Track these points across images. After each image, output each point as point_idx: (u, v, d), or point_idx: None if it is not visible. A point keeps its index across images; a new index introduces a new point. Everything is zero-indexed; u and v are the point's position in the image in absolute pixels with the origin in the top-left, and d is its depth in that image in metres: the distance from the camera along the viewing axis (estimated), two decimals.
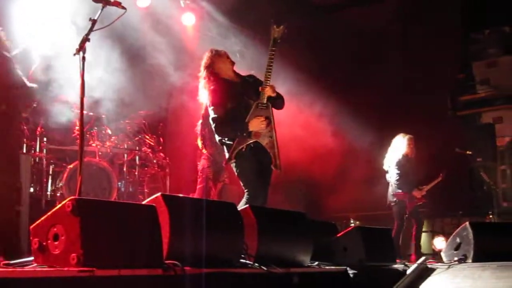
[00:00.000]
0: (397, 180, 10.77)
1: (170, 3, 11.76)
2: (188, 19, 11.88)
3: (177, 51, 11.83)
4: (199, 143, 9.84)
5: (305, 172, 13.36)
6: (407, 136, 10.92)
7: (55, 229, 4.14)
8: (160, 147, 11.18)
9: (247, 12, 12.95)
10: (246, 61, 13.30)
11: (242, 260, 5.24)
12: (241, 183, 7.36)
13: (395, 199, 10.86)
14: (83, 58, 5.71)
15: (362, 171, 13.14)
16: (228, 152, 7.33)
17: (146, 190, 10.65)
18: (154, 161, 11.00)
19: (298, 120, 12.72)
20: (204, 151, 9.80)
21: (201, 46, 12.35)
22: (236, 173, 7.43)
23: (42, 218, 4.26)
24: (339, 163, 13.61)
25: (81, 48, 5.70)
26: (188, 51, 12.00)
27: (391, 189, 11.00)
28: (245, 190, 7.29)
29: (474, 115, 13.91)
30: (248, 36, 13.41)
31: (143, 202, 5.00)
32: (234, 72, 7.70)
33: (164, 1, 11.67)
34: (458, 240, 7.13)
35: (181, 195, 5.41)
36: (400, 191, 10.80)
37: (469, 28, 14.11)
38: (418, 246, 11.05)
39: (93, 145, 10.03)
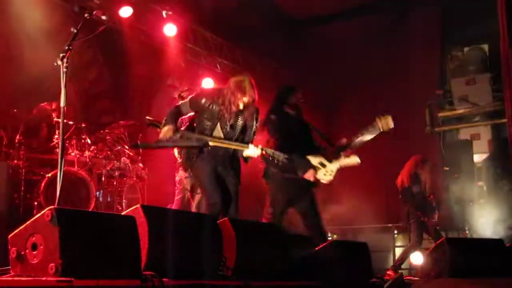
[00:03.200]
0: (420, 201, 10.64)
1: (152, 14, 11.78)
2: (170, 30, 11.88)
3: (158, 62, 11.85)
4: (176, 154, 9.83)
5: None
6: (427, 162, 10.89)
7: (33, 239, 4.13)
8: (139, 158, 11.15)
9: (229, 25, 13.00)
10: (226, 73, 13.38)
11: (220, 273, 5.25)
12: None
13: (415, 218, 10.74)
14: (65, 67, 5.70)
15: (339, 184, 13.17)
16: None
17: (124, 201, 10.60)
18: (133, 171, 10.96)
19: None
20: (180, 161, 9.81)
21: (182, 57, 12.40)
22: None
23: (21, 227, 4.25)
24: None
25: (63, 57, 5.70)
26: (169, 62, 12.02)
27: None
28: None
29: (452, 131, 14.02)
30: (229, 49, 13.47)
31: (123, 213, 4.99)
32: None
33: (146, 12, 11.69)
34: (434, 255, 7.18)
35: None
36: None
37: (448, 45, 14.24)
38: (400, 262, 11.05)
39: (72, 154, 9.99)
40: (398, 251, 12.51)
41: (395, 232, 13.01)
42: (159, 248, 4.71)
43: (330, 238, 13.03)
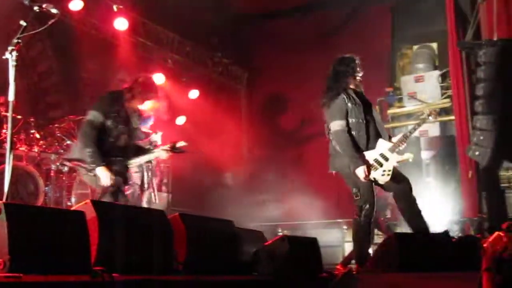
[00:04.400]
0: None
1: (102, 7, 11.68)
2: (121, 24, 11.78)
3: (109, 56, 11.76)
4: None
5: (233, 179, 13.41)
6: None
7: None
8: None
9: (180, 20, 12.96)
10: (177, 68, 13.34)
11: (171, 268, 5.25)
12: None
13: None
14: (13, 61, 5.63)
15: (293, 180, 13.26)
16: None
17: (73, 196, 10.50)
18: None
19: (228, 127, 12.79)
20: None
21: (133, 52, 12.32)
22: None
23: None
24: (270, 170, 13.70)
25: (12, 51, 5.64)
26: (120, 56, 11.94)
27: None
28: None
29: (401, 128, 14.18)
30: (180, 43, 13.42)
31: (72, 208, 4.96)
32: None
33: (96, 5, 11.59)
34: (383, 250, 7.25)
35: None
36: None
37: (398, 43, 14.41)
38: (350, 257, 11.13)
39: (21, 149, 9.86)
40: (348, 246, 12.62)
41: (345, 227, 13.11)
42: (109, 243, 4.70)
43: (280, 233, 13.09)
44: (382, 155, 7.50)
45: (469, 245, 7.24)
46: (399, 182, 7.57)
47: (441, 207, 12.10)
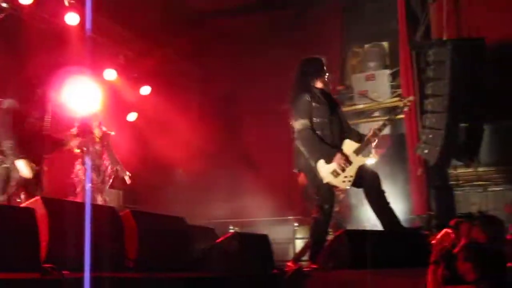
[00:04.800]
0: None
1: (53, 1, 11.53)
2: (72, 19, 11.64)
3: (60, 51, 11.61)
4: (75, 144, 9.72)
5: (185, 176, 13.39)
6: None
7: None
8: None
9: (133, 16, 12.86)
10: (129, 64, 13.25)
11: (122, 265, 5.23)
12: None
13: None
14: None
15: (244, 177, 13.29)
16: None
17: (22, 193, 10.34)
18: None
19: (180, 123, 12.76)
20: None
21: (84, 47, 12.18)
22: None
23: None
24: (221, 167, 13.71)
25: None
26: (72, 51, 11.79)
27: None
28: None
29: (352, 126, 14.28)
30: (132, 40, 13.33)
31: (22, 205, 4.91)
32: None
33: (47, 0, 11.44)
34: (334, 247, 7.30)
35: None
36: None
37: (349, 41, 14.52)
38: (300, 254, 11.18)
39: None
40: (298, 243, 12.69)
41: (296, 224, 13.17)
42: (59, 240, 4.66)
43: (231, 230, 13.10)
44: (346, 160, 7.51)
45: (418, 241, 7.35)
46: (368, 177, 7.61)
47: (391, 204, 12.23)
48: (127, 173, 10.46)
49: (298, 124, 7.48)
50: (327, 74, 7.95)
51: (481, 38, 10.91)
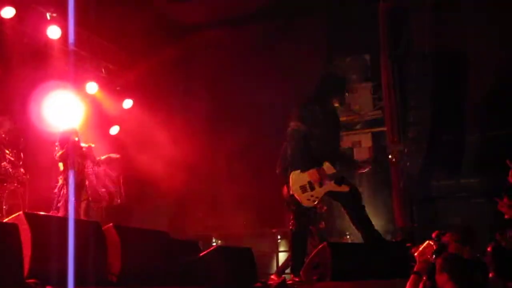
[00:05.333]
0: None
1: (35, 15, 11.50)
2: (53, 32, 11.61)
3: (42, 65, 11.58)
4: (60, 165, 9.72)
5: (168, 190, 13.36)
6: None
7: None
8: (21, 163, 10.86)
9: (114, 29, 12.86)
10: (111, 77, 13.23)
11: (105, 279, 5.21)
12: None
13: None
14: None
15: (226, 190, 13.29)
16: None
17: (4, 207, 10.27)
18: (14, 176, 10.65)
19: (163, 137, 12.75)
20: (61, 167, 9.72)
21: (66, 60, 12.15)
22: None
23: None
24: (203, 181, 13.71)
25: None
26: (54, 65, 11.76)
27: None
28: None
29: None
30: (114, 53, 13.31)
31: (4, 220, 4.89)
32: None
33: (29, 13, 11.40)
34: (316, 259, 7.32)
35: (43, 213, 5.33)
36: None
37: (332, 54, 14.57)
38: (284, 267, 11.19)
39: None
40: (282, 256, 12.70)
41: (279, 237, 13.19)
42: (43, 255, 4.64)
43: (214, 244, 13.09)
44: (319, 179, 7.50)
45: (400, 253, 7.39)
46: (347, 192, 7.61)
47: (374, 217, 12.27)
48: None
49: (294, 125, 7.49)
50: (345, 96, 7.98)
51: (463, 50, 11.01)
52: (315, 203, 7.56)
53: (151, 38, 13.63)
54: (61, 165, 9.74)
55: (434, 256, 5.28)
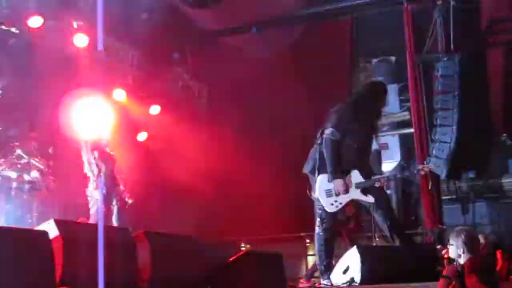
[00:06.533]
0: None
1: (62, 24, 11.60)
2: (81, 41, 11.70)
3: (69, 73, 11.67)
4: (86, 170, 9.79)
5: (196, 195, 13.39)
6: None
7: None
8: (50, 171, 10.96)
9: (140, 35, 12.92)
10: (137, 84, 13.30)
11: (135, 285, 5.25)
12: None
13: None
14: None
15: (254, 195, 13.28)
16: None
17: (35, 214, 10.40)
18: (43, 184, 10.75)
19: (190, 143, 12.78)
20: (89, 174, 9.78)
21: (93, 68, 12.24)
22: None
23: None
24: (231, 186, 13.72)
25: None
26: (81, 73, 11.85)
27: None
28: None
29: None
30: (142, 59, 13.38)
31: (36, 228, 4.94)
32: None
33: (56, 22, 11.50)
34: (346, 263, 7.31)
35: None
36: None
37: (358, 56, 14.54)
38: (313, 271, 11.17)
39: None
40: (311, 260, 12.68)
41: (307, 240, 13.16)
42: (74, 262, 4.68)
43: (243, 248, 13.10)
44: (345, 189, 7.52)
45: (430, 255, 7.36)
46: (376, 194, 7.62)
47: (402, 219, 12.22)
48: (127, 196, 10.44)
49: (329, 131, 7.52)
50: (384, 106, 8.05)
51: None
52: (337, 209, 7.57)
53: (178, 44, 13.69)
54: (89, 172, 9.81)
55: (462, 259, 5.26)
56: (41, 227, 4.78)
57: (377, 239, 12.69)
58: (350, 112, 7.68)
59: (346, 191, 7.41)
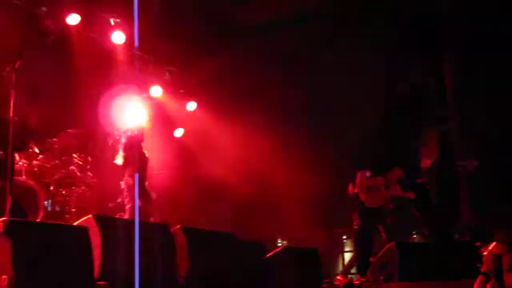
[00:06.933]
0: None
1: (100, 21, 11.68)
2: (118, 37, 11.78)
3: (107, 70, 11.76)
4: (120, 160, 9.84)
5: (231, 191, 13.41)
6: None
7: None
8: (88, 166, 11.06)
9: (178, 32, 12.95)
10: (175, 80, 13.35)
11: (174, 280, 5.27)
12: None
13: None
14: (15, 75, 5.66)
15: (291, 191, 13.25)
16: None
17: (73, 210, 10.48)
18: (82, 180, 10.85)
19: (228, 140, 12.80)
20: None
21: (131, 65, 12.31)
22: None
23: None
24: (267, 181, 13.70)
25: (13, 65, 5.67)
26: (118, 69, 11.94)
27: None
28: None
29: None
30: (178, 55, 13.41)
31: (75, 223, 4.98)
32: None
33: (94, 19, 11.58)
34: (384, 259, 7.28)
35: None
36: None
37: (397, 52, 14.33)
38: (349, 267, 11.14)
39: (20, 163, 9.85)
40: (347, 256, 12.64)
41: (344, 237, 13.12)
42: (112, 258, 4.72)
43: (279, 244, 13.10)
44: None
45: (469, 252, 7.29)
46: (417, 190, 7.62)
47: (440, 214, 12.11)
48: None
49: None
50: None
51: None
52: (377, 205, 7.56)
53: (215, 38, 13.70)
54: (123, 166, 9.87)
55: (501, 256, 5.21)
56: (81, 222, 4.82)
57: (414, 236, 12.60)
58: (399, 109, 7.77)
59: (387, 187, 7.40)
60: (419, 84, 8.07)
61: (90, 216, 4.83)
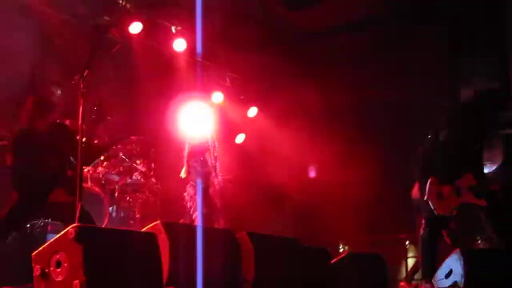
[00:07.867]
0: None
1: (161, 29, 11.81)
2: (179, 45, 11.90)
3: (169, 77, 11.89)
4: (183, 174, 9.95)
5: (293, 197, 13.40)
6: None
7: (57, 256, 4.19)
8: (152, 173, 11.20)
9: (237, 37, 13.00)
10: (236, 86, 13.42)
11: (240, 286, 5.29)
12: None
13: None
14: (82, 85, 5.76)
15: (353, 195, 13.19)
16: None
17: (137, 216, 10.64)
18: (146, 186, 11.00)
19: (288, 144, 12.80)
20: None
21: (192, 72, 12.41)
22: None
23: (44, 245, 4.31)
24: (329, 187, 13.65)
25: (80, 75, 5.77)
26: (180, 76, 12.06)
27: None
28: None
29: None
30: (239, 61, 13.45)
31: (143, 229, 5.05)
32: None
33: (155, 27, 11.72)
34: (449, 266, 7.17)
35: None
36: None
37: (459, 56, 14.12)
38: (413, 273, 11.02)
39: (85, 170, 10.03)
40: (411, 262, 12.50)
41: (407, 242, 12.99)
42: (180, 263, 4.76)
43: (341, 250, 13.04)
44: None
45: None
46: (488, 197, 7.53)
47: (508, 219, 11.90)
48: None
49: (442, 134, 7.53)
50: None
51: None
52: (447, 212, 7.47)
53: (273, 46, 13.71)
54: (187, 175, 9.97)
55: None
56: (148, 228, 4.88)
57: (479, 242, 12.39)
58: (462, 112, 7.69)
59: (457, 194, 7.32)
60: (483, 89, 7.96)
61: (158, 222, 4.88)
